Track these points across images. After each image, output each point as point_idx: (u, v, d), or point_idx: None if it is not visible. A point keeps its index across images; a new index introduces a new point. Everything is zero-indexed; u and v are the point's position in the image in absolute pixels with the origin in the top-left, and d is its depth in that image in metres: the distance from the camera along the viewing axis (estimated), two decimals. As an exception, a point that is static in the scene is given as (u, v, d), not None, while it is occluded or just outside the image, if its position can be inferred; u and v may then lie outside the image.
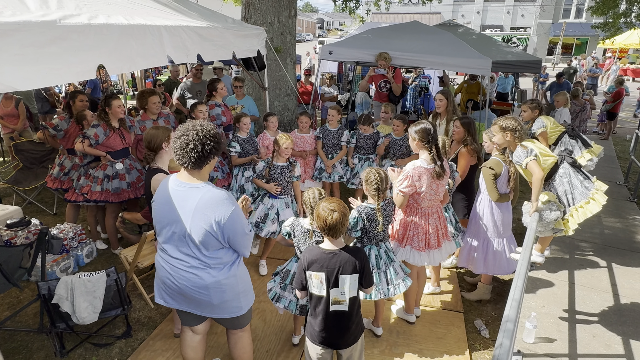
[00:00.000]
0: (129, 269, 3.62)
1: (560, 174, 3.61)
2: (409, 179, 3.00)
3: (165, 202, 2.26)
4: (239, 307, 2.42)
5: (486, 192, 3.56)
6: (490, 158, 3.56)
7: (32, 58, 2.20)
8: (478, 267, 3.71)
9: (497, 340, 1.89)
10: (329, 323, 2.33)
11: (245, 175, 4.73)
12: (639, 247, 4.68)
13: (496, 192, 3.46)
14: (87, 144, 4.05)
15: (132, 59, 2.91)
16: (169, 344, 3.25)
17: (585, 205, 3.45)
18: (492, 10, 36.79)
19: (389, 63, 6.02)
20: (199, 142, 2.12)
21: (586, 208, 3.44)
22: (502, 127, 3.40)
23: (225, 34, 4.23)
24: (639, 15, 11.96)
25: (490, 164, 3.47)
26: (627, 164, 7.16)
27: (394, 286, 3.04)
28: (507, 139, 3.41)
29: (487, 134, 3.63)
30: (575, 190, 3.53)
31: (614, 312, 3.52)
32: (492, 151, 3.63)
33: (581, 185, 3.53)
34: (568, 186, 3.56)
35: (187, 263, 2.27)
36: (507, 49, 7.67)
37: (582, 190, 3.51)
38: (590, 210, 3.42)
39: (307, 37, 52.68)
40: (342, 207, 2.25)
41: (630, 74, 22.07)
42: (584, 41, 33.59)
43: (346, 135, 5.15)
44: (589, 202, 3.45)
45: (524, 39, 30.63)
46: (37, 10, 2.30)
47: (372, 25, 12.42)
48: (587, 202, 3.46)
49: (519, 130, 3.37)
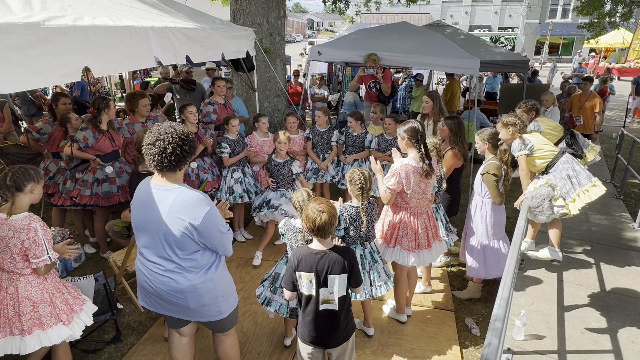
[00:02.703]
0: (118, 273, 3.58)
1: (563, 161, 3.71)
2: (396, 176, 3.01)
3: (140, 204, 2.25)
4: (218, 312, 2.39)
5: (482, 195, 3.62)
6: (489, 162, 3.56)
7: (15, 60, 2.16)
8: (479, 273, 3.72)
9: (485, 339, 1.91)
10: (319, 322, 2.33)
11: (235, 177, 4.71)
12: (625, 244, 4.75)
13: (500, 197, 3.54)
14: (76, 147, 4.01)
15: (118, 60, 2.87)
16: (159, 348, 3.22)
17: (591, 188, 3.58)
18: (480, 11, 37.11)
19: (377, 64, 6.04)
20: (177, 144, 2.11)
21: (592, 191, 3.58)
22: (504, 124, 3.72)
23: (214, 35, 4.20)
24: (623, 15, 12.14)
25: (492, 170, 3.49)
26: (613, 162, 7.27)
27: (376, 287, 3.06)
28: (510, 133, 3.70)
29: (480, 135, 3.66)
30: (579, 176, 3.64)
31: (602, 308, 3.57)
32: (484, 152, 3.67)
33: (584, 171, 3.67)
34: (572, 171, 3.66)
35: (162, 267, 2.25)
36: (495, 49, 7.73)
37: (586, 175, 3.65)
38: (596, 193, 3.56)
39: (297, 37, 52.65)
40: (330, 207, 2.26)
41: (615, 72, 22.41)
42: (570, 41, 34.09)
43: (336, 135, 5.16)
44: (595, 185, 3.60)
45: (511, 39, 30.98)
46: (20, 12, 2.26)
47: (361, 25, 12.47)
48: (593, 185, 3.60)
49: (519, 124, 3.68)
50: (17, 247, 2.36)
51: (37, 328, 2.45)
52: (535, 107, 4.63)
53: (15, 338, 2.42)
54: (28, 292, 2.46)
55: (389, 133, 4.96)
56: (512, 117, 3.71)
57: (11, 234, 2.36)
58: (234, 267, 4.37)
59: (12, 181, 2.40)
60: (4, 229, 2.36)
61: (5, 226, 2.37)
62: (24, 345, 2.42)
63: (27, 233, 2.37)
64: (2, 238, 2.36)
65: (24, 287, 2.46)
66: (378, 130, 5.34)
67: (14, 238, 2.35)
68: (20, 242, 2.36)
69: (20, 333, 2.43)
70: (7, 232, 2.35)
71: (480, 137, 3.65)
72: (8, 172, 2.42)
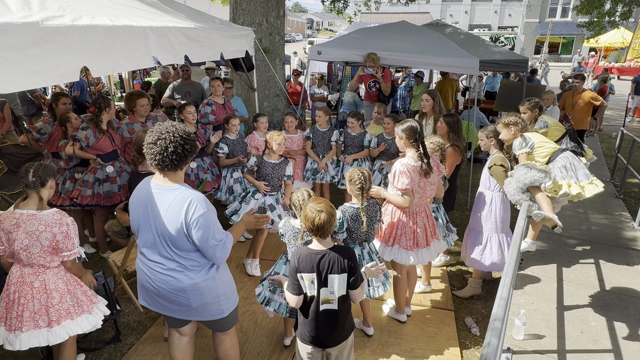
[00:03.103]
0: (118, 273, 3.58)
1: (562, 156, 3.74)
2: (404, 174, 2.99)
3: (140, 204, 2.25)
4: (220, 310, 2.40)
5: (491, 189, 3.65)
6: (494, 156, 3.64)
7: (13, 60, 2.16)
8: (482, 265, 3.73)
9: (485, 339, 1.90)
10: (319, 322, 2.33)
11: (234, 177, 4.71)
12: (625, 243, 4.75)
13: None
14: (77, 146, 4.02)
15: (117, 60, 2.87)
16: (159, 348, 3.22)
17: (587, 185, 3.59)
18: (480, 10, 37.09)
19: (377, 64, 6.03)
20: (178, 143, 2.11)
21: (587, 188, 3.58)
22: (505, 124, 3.72)
23: (213, 34, 4.20)
24: (623, 15, 12.14)
25: (498, 162, 3.55)
26: (613, 161, 7.27)
27: (373, 288, 3.06)
28: (512, 133, 3.71)
29: (484, 132, 3.71)
30: (578, 171, 3.66)
31: (602, 307, 3.57)
32: (489, 149, 3.73)
33: (583, 169, 3.68)
34: (569, 164, 3.68)
35: (164, 266, 2.25)
36: (495, 49, 7.73)
37: (585, 173, 3.66)
38: (590, 191, 3.56)
39: (297, 37, 52.62)
40: (329, 207, 2.25)
41: (615, 72, 22.40)
42: (570, 40, 34.07)
43: (336, 135, 5.15)
44: (592, 183, 3.61)
45: (511, 38, 30.97)
46: (19, 11, 2.26)
47: (360, 25, 12.45)
48: (590, 183, 3.61)
49: (520, 123, 3.71)
50: (48, 241, 2.44)
51: (65, 318, 2.55)
52: (539, 104, 4.64)
53: (41, 331, 2.49)
54: (55, 284, 2.55)
55: (388, 133, 4.96)
56: (512, 116, 3.74)
57: (42, 228, 2.43)
58: (234, 266, 4.37)
59: (37, 177, 2.47)
60: (34, 224, 2.43)
61: (35, 221, 2.44)
62: (53, 336, 2.50)
63: (60, 227, 2.46)
64: (32, 232, 2.42)
65: (51, 280, 2.54)
66: (379, 130, 5.34)
67: (45, 232, 2.43)
68: (53, 236, 2.44)
69: (47, 325, 2.50)
70: (38, 226, 2.43)
71: (484, 133, 3.72)
72: (28, 169, 2.49)
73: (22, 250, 2.43)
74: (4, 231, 2.48)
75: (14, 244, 2.44)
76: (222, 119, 5.04)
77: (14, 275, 2.53)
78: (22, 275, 2.51)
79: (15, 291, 2.49)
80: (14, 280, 2.52)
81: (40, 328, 2.49)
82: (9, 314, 2.49)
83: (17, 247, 2.43)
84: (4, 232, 2.48)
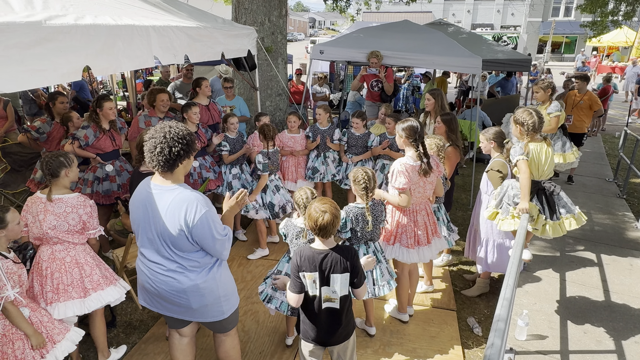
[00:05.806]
0: (119, 269, 3.59)
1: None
2: (402, 174, 2.99)
3: (140, 205, 2.25)
4: (220, 312, 2.39)
5: (488, 194, 3.60)
6: (494, 160, 3.56)
7: (16, 59, 2.16)
8: (489, 267, 3.72)
9: (488, 340, 1.90)
10: (321, 320, 2.33)
11: (232, 172, 4.75)
12: (628, 243, 4.73)
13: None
14: (77, 145, 4.01)
15: (119, 60, 2.87)
16: (161, 347, 3.22)
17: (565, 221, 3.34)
18: (482, 9, 37.01)
19: (380, 61, 6.02)
20: (166, 145, 2.10)
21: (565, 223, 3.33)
22: (515, 120, 3.37)
23: (215, 34, 4.20)
24: (626, 14, 12.08)
25: (496, 167, 3.48)
26: (616, 161, 7.24)
27: (378, 287, 3.05)
28: (518, 131, 3.37)
29: (485, 135, 3.63)
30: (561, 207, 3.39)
31: (605, 308, 3.56)
32: (489, 152, 3.64)
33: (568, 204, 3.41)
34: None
35: (164, 267, 2.25)
36: (498, 48, 7.72)
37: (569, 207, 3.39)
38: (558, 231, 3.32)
39: (299, 36, 52.62)
40: (333, 208, 2.25)
41: (618, 71, 22.31)
42: (573, 39, 33.95)
43: (337, 134, 5.14)
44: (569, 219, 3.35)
45: (514, 37, 30.93)
46: (22, 11, 2.26)
47: (363, 24, 12.43)
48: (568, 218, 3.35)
49: (527, 125, 3.27)
50: (74, 221, 2.69)
51: (95, 290, 2.78)
52: (552, 85, 4.89)
53: (75, 302, 2.70)
54: (84, 258, 2.79)
55: (390, 132, 4.96)
56: (525, 113, 3.32)
57: (69, 209, 2.67)
58: (236, 266, 4.37)
59: (47, 169, 2.67)
60: (61, 206, 2.67)
61: (62, 203, 2.68)
62: (87, 306, 2.72)
63: (84, 208, 2.72)
64: (60, 214, 2.66)
65: (80, 255, 2.78)
66: (383, 129, 5.34)
67: (72, 213, 2.68)
68: (79, 217, 2.70)
69: (82, 295, 2.72)
70: (65, 208, 2.67)
71: (485, 136, 3.62)
72: (44, 161, 2.70)
73: (50, 230, 2.63)
74: (32, 214, 2.68)
75: (42, 225, 2.63)
76: (205, 120, 5.00)
77: (45, 253, 2.70)
78: (52, 252, 2.70)
79: (47, 267, 2.68)
80: (45, 257, 2.69)
81: (74, 299, 2.69)
82: (44, 289, 2.66)
83: (46, 227, 2.63)
84: (31, 215, 2.69)
